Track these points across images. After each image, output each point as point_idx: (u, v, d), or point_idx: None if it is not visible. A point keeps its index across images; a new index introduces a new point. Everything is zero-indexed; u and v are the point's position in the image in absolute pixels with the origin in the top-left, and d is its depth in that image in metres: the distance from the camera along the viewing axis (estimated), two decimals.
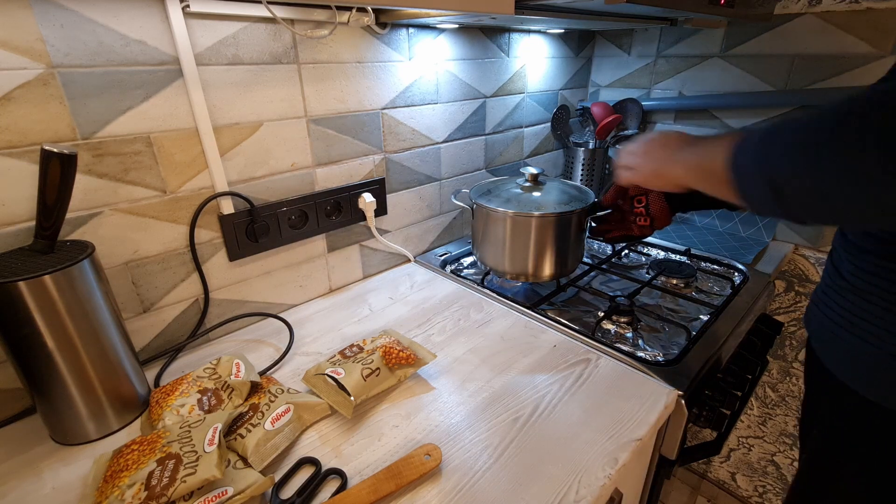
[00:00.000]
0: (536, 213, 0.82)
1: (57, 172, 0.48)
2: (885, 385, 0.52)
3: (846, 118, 0.37)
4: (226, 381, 0.60)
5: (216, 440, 0.49)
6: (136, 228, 0.64)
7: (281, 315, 0.81)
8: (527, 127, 1.24)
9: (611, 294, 0.88)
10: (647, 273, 1.01)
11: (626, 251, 1.11)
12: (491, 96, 1.10)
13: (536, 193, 0.87)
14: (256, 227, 0.75)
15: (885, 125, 0.34)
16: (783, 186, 0.41)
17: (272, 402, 0.57)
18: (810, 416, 0.66)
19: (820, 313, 0.60)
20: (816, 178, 0.39)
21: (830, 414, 0.60)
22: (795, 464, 1.29)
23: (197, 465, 0.46)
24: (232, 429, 0.54)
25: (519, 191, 0.88)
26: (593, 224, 0.84)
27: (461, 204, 1.01)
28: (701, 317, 0.84)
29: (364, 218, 0.91)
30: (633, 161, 0.62)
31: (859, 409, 0.54)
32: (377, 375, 0.61)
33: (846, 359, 0.56)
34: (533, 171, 0.90)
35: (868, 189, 0.36)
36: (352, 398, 0.58)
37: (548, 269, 0.88)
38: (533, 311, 0.83)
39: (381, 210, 0.94)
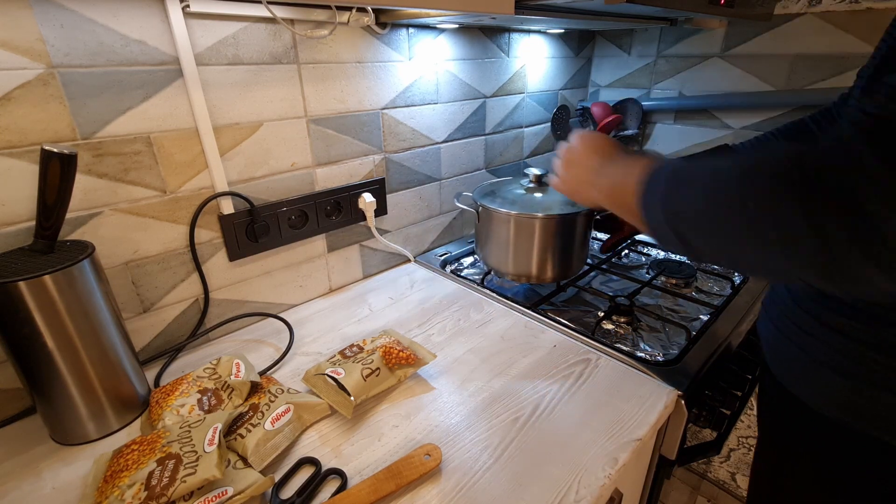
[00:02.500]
0: (541, 215, 0.82)
1: (57, 172, 0.48)
2: (810, 386, 0.51)
3: (752, 182, 0.33)
4: (226, 381, 0.60)
5: (216, 440, 0.49)
6: (136, 228, 0.64)
7: (281, 315, 0.81)
8: (527, 127, 1.24)
9: (611, 294, 0.88)
10: (647, 273, 1.01)
11: (626, 251, 1.11)
12: (491, 96, 1.10)
13: (540, 195, 0.87)
14: (256, 227, 0.75)
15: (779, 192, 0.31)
16: (690, 241, 0.39)
17: (272, 402, 0.57)
18: (760, 397, 0.66)
19: (765, 314, 0.59)
20: (718, 241, 0.37)
21: (770, 401, 0.60)
22: None
23: (197, 465, 0.46)
24: (232, 429, 0.54)
25: (522, 192, 0.88)
26: (601, 235, 0.85)
27: (463, 206, 1.01)
28: (701, 317, 0.84)
29: (364, 218, 0.91)
30: (560, 171, 0.61)
31: (789, 402, 0.54)
32: (377, 375, 0.61)
33: (779, 359, 0.55)
34: (536, 171, 0.89)
35: (773, 259, 0.33)
36: (352, 398, 0.58)
37: (551, 271, 0.87)
38: (533, 311, 0.83)
39: (381, 210, 0.94)
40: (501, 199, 0.86)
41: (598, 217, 0.84)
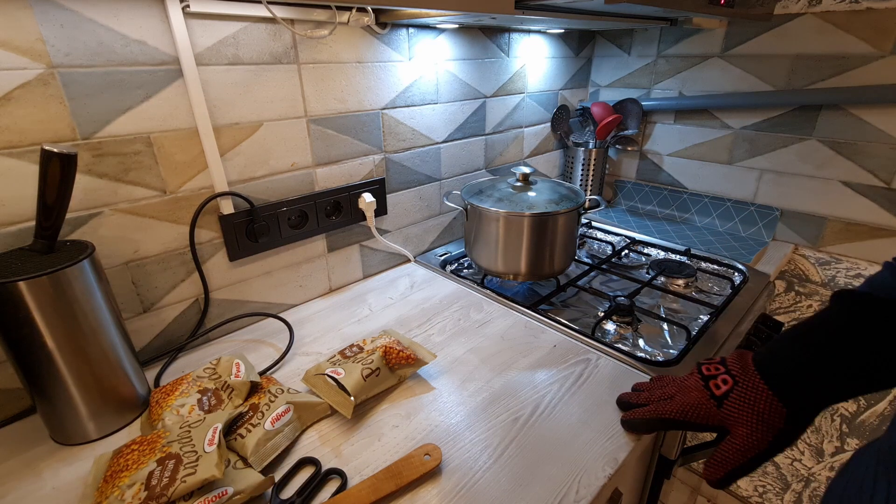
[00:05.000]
0: (528, 213, 0.82)
1: (57, 172, 0.48)
2: None
3: None
4: (226, 381, 0.60)
5: (216, 440, 0.49)
6: (136, 228, 0.64)
7: (281, 315, 0.81)
8: (527, 127, 1.24)
9: (611, 294, 0.88)
10: (647, 273, 1.01)
11: (626, 251, 1.11)
12: (491, 96, 1.10)
13: (528, 193, 0.87)
14: (256, 227, 0.75)
15: None
16: None
17: (272, 402, 0.57)
18: None
19: None
20: None
21: None
22: (795, 464, 1.29)
23: (197, 465, 0.46)
24: (232, 429, 0.54)
25: (511, 191, 0.88)
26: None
27: (453, 205, 1.02)
28: (701, 317, 0.84)
29: (364, 218, 0.91)
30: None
31: None
32: (377, 375, 0.61)
33: None
34: (525, 170, 0.90)
35: None
36: (352, 398, 0.58)
37: (540, 268, 0.88)
38: (533, 311, 0.83)
39: (381, 210, 0.94)
40: (489, 197, 0.87)
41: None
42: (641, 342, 0.77)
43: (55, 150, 0.47)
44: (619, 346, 0.74)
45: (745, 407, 0.44)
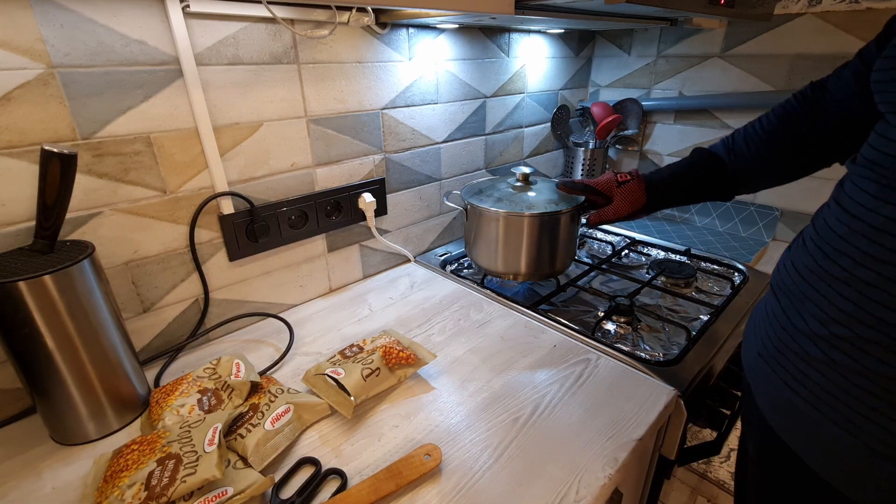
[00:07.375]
0: (528, 213, 0.82)
1: (57, 172, 0.48)
2: (860, 478, 0.39)
3: None
4: (226, 381, 0.60)
5: (216, 440, 0.49)
6: (136, 228, 0.64)
7: (281, 315, 0.81)
8: (527, 127, 1.24)
9: (611, 294, 0.88)
10: (647, 273, 1.01)
11: (627, 251, 1.11)
12: (491, 96, 1.10)
13: (528, 193, 0.87)
14: (256, 227, 0.75)
15: None
16: None
17: (272, 402, 0.57)
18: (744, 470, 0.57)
19: (767, 368, 0.46)
20: None
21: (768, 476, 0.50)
22: None
23: (197, 465, 0.46)
24: (232, 429, 0.54)
25: (511, 191, 0.88)
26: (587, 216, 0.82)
27: (453, 205, 1.02)
28: (701, 317, 0.84)
29: (364, 218, 0.91)
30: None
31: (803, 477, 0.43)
32: (377, 375, 0.61)
33: (806, 437, 0.42)
34: (525, 170, 0.90)
35: None
36: (352, 398, 0.58)
37: (540, 268, 0.88)
38: (533, 311, 0.83)
39: (381, 210, 0.94)
40: (489, 197, 0.87)
41: (585, 204, 0.84)
42: (641, 342, 0.77)
43: (55, 150, 0.47)
44: (619, 346, 0.74)
45: (628, 191, 0.73)
